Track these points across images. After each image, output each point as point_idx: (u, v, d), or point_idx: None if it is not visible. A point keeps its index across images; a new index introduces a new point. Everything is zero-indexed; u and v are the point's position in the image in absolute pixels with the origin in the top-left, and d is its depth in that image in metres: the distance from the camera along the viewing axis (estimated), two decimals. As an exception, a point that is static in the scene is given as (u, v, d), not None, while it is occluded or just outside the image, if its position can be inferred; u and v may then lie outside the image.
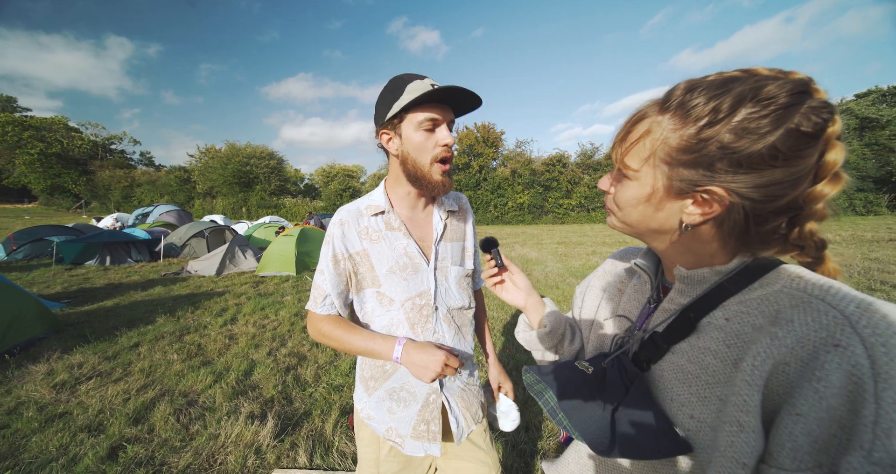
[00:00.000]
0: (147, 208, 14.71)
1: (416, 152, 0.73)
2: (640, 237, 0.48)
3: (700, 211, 0.39)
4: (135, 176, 32.19)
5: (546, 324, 0.63)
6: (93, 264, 7.01)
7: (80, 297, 4.71)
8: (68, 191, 32.55)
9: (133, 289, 5.09)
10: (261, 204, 25.64)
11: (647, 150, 0.41)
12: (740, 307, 0.40)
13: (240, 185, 27.36)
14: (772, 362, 0.35)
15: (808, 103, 0.34)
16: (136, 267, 7.03)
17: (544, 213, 21.60)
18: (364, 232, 0.80)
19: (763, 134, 0.34)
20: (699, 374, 0.41)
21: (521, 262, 6.92)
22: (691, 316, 0.43)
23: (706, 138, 0.36)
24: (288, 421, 2.03)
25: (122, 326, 3.55)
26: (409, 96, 0.68)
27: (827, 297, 0.35)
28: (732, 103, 0.35)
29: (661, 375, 0.44)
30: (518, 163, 22.47)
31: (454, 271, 0.85)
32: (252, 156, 28.37)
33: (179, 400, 2.23)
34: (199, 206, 25.66)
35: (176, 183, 29.49)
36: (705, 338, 0.41)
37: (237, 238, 7.00)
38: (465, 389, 0.87)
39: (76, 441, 1.84)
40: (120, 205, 28.62)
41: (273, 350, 3.04)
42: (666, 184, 0.40)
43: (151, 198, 28.33)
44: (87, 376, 2.55)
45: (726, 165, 0.36)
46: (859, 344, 0.31)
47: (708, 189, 0.38)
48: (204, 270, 6.25)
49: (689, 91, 0.38)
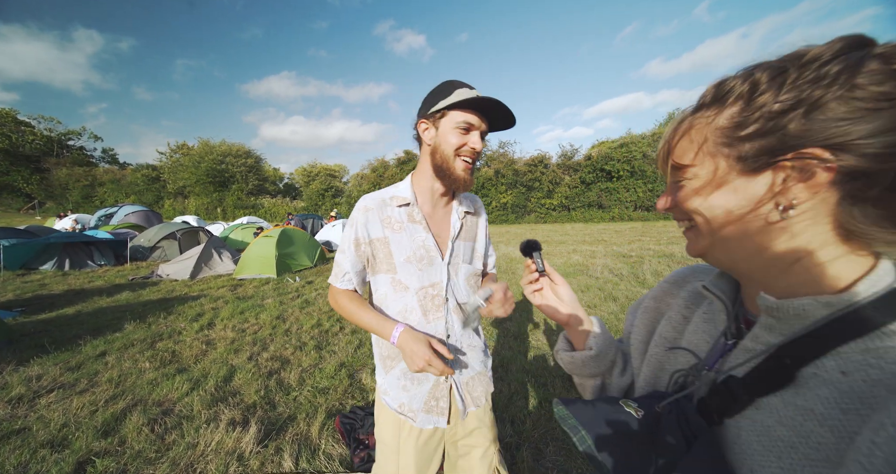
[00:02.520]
0: (111, 209, 13.77)
1: (446, 146, 0.80)
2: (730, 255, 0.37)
3: (796, 185, 0.30)
4: (96, 174, 30.07)
5: (592, 346, 0.54)
6: (49, 269, 6.49)
7: (37, 305, 4.36)
8: (18, 190, 29.92)
9: (97, 295, 4.77)
10: (238, 204, 24.64)
11: (697, 143, 0.35)
12: (866, 357, 0.29)
13: (214, 185, 26.19)
14: None
15: (878, 47, 0.28)
16: (100, 271, 6.57)
17: (527, 213, 22.03)
18: (387, 220, 0.86)
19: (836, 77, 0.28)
20: (796, 444, 0.30)
21: (504, 260, 7.03)
22: (787, 362, 0.32)
23: (762, 104, 0.31)
24: (272, 427, 1.98)
25: (86, 334, 3.32)
26: (456, 97, 0.77)
27: None
28: (772, 73, 0.30)
29: (739, 435, 0.34)
30: (501, 164, 22.79)
31: (464, 269, 0.91)
32: (227, 154, 27.24)
33: (153, 410, 2.12)
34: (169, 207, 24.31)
35: (143, 182, 27.81)
36: (809, 395, 0.30)
37: (213, 239, 6.70)
38: (473, 378, 0.94)
39: (37, 457, 1.71)
40: (80, 206, 26.61)
41: (254, 354, 2.94)
42: (735, 165, 0.33)
43: (116, 197, 26.56)
44: (48, 389, 2.37)
45: (810, 123, 0.29)
46: None
47: (800, 152, 0.29)
48: (176, 274, 5.94)
49: (719, 85, 0.34)
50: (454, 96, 0.77)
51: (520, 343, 3.09)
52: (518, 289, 4.80)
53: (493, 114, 0.81)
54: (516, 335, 3.25)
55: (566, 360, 0.57)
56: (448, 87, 0.80)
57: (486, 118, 0.81)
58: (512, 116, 0.81)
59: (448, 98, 0.78)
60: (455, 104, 0.77)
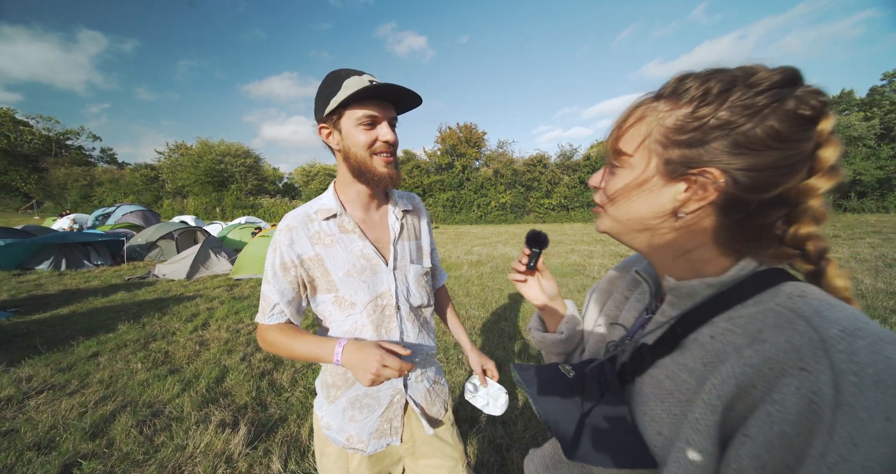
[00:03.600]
0: (108, 209, 13.72)
1: (356, 147, 0.72)
2: (630, 240, 0.45)
3: (694, 195, 0.37)
4: (95, 174, 29.97)
5: (564, 330, 0.61)
6: (45, 269, 6.46)
7: (31, 305, 4.34)
8: (17, 189, 29.84)
9: (92, 295, 4.75)
10: (236, 204, 24.56)
11: (642, 134, 0.40)
12: (728, 324, 0.37)
13: (213, 185, 26.10)
14: (735, 383, 0.33)
15: (802, 88, 0.34)
16: (97, 271, 6.54)
17: (526, 213, 22.01)
18: (316, 236, 0.77)
19: (760, 110, 0.34)
20: (673, 391, 0.39)
21: (502, 260, 7.03)
22: (679, 331, 0.40)
23: (702, 116, 0.36)
24: (262, 428, 1.97)
25: (79, 335, 3.30)
26: (345, 92, 0.67)
27: (814, 319, 0.31)
28: (724, 86, 0.35)
29: (641, 389, 0.42)
30: (500, 164, 22.76)
31: (413, 270, 0.85)
32: (226, 153, 27.17)
33: (143, 411, 2.11)
34: (168, 206, 24.23)
35: (142, 181, 27.72)
36: (687, 354, 0.39)
37: (210, 239, 6.68)
38: (430, 389, 0.87)
39: (23, 460, 1.70)
40: (78, 206, 26.54)
41: (247, 355, 2.93)
42: (659, 166, 0.39)
43: (114, 197, 26.47)
44: (37, 390, 2.35)
45: (722, 145, 0.35)
46: (827, 370, 0.28)
47: (703, 170, 0.36)
48: (173, 274, 5.92)
49: (681, 79, 0.39)
50: (343, 90, 0.67)
51: (514, 343, 3.08)
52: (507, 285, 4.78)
53: (394, 97, 0.71)
54: (511, 335, 3.24)
55: (537, 339, 0.64)
56: (334, 81, 0.69)
57: (389, 104, 0.72)
58: (414, 94, 0.71)
59: (338, 94, 0.68)
60: (348, 99, 0.67)
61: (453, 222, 22.40)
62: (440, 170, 24.38)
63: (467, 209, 22.60)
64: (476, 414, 2.04)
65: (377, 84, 0.67)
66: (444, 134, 24.39)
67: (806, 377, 0.29)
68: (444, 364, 2.66)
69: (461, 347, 1.03)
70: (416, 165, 24.32)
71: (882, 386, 0.27)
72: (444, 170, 24.18)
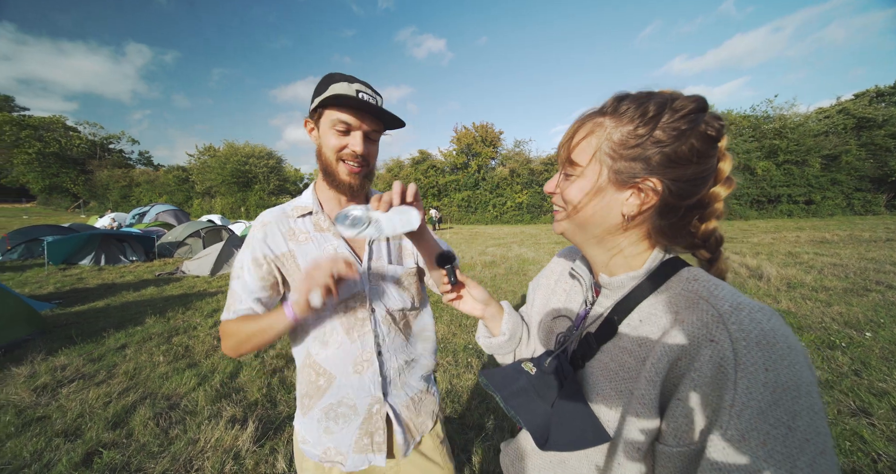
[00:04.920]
0: (144, 208, 14.66)
1: (326, 148, 0.73)
2: (582, 240, 0.51)
3: (639, 201, 0.45)
4: (133, 175, 32.16)
5: (505, 331, 0.66)
6: (87, 264, 6.97)
7: (72, 298, 4.68)
8: (67, 190, 32.55)
9: (126, 290, 5.06)
10: (259, 203, 25.60)
11: (593, 147, 0.46)
12: (651, 309, 0.45)
13: (238, 185, 27.30)
14: (667, 359, 0.40)
15: (709, 112, 0.43)
16: (131, 267, 6.99)
17: (543, 213, 21.55)
18: (290, 233, 0.77)
19: (684, 132, 0.42)
20: (618, 371, 0.45)
21: (517, 262, 6.88)
22: (615, 318, 0.47)
23: (642, 135, 0.43)
24: (269, 425, 2.00)
25: (110, 327, 3.51)
26: (327, 94, 0.69)
27: (710, 298, 0.40)
28: (656, 109, 0.42)
29: (592, 372, 0.48)
30: (517, 163, 22.40)
31: (391, 270, 0.81)
32: (251, 155, 28.29)
33: (161, 404, 2.20)
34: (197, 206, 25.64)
35: (174, 182, 29.46)
36: (625, 338, 0.46)
37: (232, 237, 6.96)
38: (413, 398, 0.82)
39: (51, 446, 1.80)
40: (118, 205, 28.57)
41: (261, 352, 3.00)
42: (610, 175, 0.45)
43: (150, 197, 28.30)
44: (70, 379, 2.51)
45: (659, 159, 0.42)
46: (727, 338, 0.36)
47: (646, 179, 0.43)
48: (198, 270, 6.21)
49: (620, 100, 0.45)
50: (328, 92, 0.69)
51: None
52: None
53: (377, 112, 0.71)
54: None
55: (485, 345, 0.70)
56: (326, 81, 0.71)
57: (372, 117, 0.72)
58: (396, 117, 0.72)
59: (322, 94, 0.69)
60: (326, 101, 0.68)
61: (468, 222, 22.29)
62: (455, 170, 24.31)
63: (482, 209, 22.41)
64: (483, 420, 1.97)
65: (352, 97, 0.67)
66: (459, 133, 24.30)
67: (714, 346, 0.37)
68: (451, 367, 2.61)
69: None
70: (432, 165, 24.37)
71: (760, 345, 0.35)
72: (459, 170, 24.09)
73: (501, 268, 6.38)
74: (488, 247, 9.31)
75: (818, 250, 6.48)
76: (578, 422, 0.45)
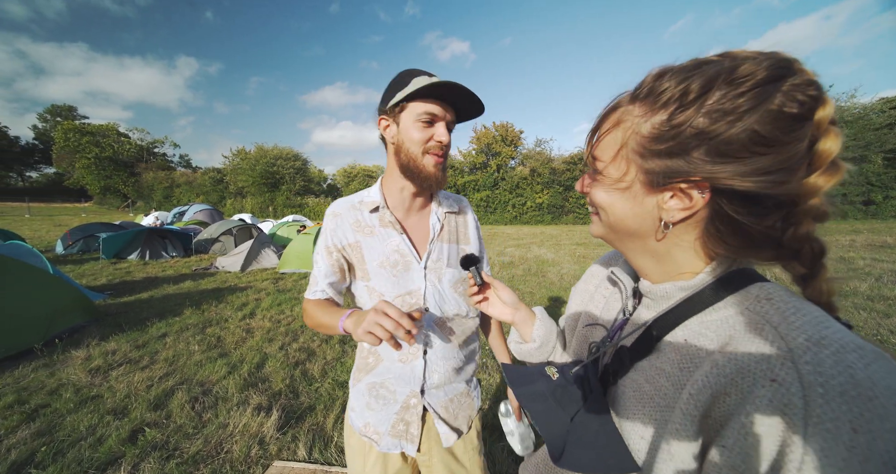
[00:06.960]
0: (183, 207, 15.77)
1: (410, 142, 0.73)
2: (621, 245, 0.45)
3: (680, 205, 0.36)
4: (174, 177, 34.63)
5: (536, 338, 0.62)
6: (134, 259, 7.61)
7: (121, 289, 5.13)
8: (118, 191, 35.67)
9: (166, 283, 5.48)
10: (286, 203, 26.77)
11: (619, 142, 0.38)
12: (700, 328, 0.37)
13: (267, 185, 28.71)
14: (710, 392, 0.33)
15: (790, 81, 0.30)
16: (171, 262, 7.55)
17: (565, 213, 20.99)
18: (357, 224, 0.81)
19: (741, 115, 0.31)
20: (653, 395, 0.39)
21: (536, 263, 6.76)
22: (654, 333, 0.41)
23: (678, 124, 0.33)
24: (292, 415, 2.10)
25: (153, 317, 3.82)
26: (412, 87, 0.69)
27: (781, 326, 0.31)
28: (703, 84, 0.32)
29: (623, 391, 0.43)
30: (538, 163, 21.95)
31: (449, 273, 0.82)
32: (278, 157, 29.67)
33: (196, 389, 2.37)
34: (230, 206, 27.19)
35: (210, 183, 31.43)
36: (663, 358, 0.39)
37: (261, 236, 7.35)
38: (452, 400, 0.83)
39: (103, 423, 2.00)
40: (161, 205, 30.89)
41: (285, 344, 3.15)
42: (640, 176, 0.38)
43: (189, 197, 30.35)
44: (119, 362, 2.77)
45: (704, 154, 0.33)
46: (797, 381, 0.29)
47: (689, 179, 0.34)
48: (230, 266, 6.61)
49: (660, 77, 0.36)
50: (412, 86, 0.69)
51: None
52: (550, 291, 4.57)
53: (457, 102, 0.73)
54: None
55: (516, 350, 0.66)
56: (405, 77, 0.72)
57: (451, 107, 0.73)
58: (478, 101, 0.73)
59: (405, 88, 0.70)
60: (413, 94, 0.69)
61: (487, 222, 22.11)
62: (474, 170, 24.22)
63: (502, 209, 22.15)
64: (497, 421, 1.97)
65: (442, 82, 0.69)
66: (479, 133, 24.18)
67: (777, 389, 0.29)
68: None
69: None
70: (451, 165, 24.43)
71: (846, 397, 0.27)
72: (478, 170, 23.97)
73: (520, 269, 6.30)
74: (507, 248, 9.20)
75: (876, 255, 5.86)
76: (600, 443, 0.41)
